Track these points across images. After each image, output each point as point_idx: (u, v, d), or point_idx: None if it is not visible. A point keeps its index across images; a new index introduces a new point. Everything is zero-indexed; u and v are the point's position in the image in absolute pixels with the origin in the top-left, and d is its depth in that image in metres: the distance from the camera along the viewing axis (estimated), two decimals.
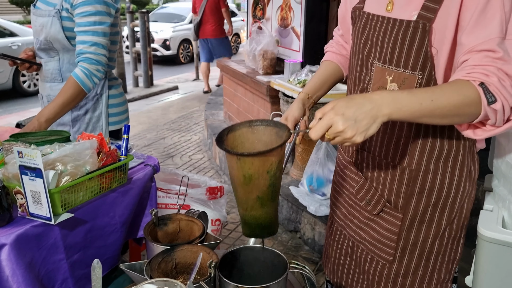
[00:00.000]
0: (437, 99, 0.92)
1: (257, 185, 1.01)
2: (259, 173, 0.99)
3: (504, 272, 1.25)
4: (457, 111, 0.93)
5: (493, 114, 0.92)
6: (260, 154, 0.97)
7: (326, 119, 0.90)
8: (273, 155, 0.99)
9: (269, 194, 1.04)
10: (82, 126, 2.03)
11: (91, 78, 1.85)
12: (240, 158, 0.99)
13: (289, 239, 3.04)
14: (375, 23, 1.14)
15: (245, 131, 1.09)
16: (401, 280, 1.25)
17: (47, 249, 1.29)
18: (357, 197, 1.28)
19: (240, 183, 1.02)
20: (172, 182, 2.20)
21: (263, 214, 1.06)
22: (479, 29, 0.95)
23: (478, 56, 0.94)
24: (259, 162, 0.98)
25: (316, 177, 2.99)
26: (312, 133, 0.92)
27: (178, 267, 1.19)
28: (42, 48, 1.96)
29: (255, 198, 1.03)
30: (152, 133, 5.47)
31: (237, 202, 1.10)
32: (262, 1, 4.48)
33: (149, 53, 7.72)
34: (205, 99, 6.75)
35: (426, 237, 1.21)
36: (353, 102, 0.90)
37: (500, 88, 0.90)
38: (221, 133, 1.07)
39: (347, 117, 0.88)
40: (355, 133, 0.88)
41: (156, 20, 11.99)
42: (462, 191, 1.18)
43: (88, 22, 1.84)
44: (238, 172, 1.01)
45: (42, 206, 1.24)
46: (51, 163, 1.29)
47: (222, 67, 4.89)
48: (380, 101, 0.90)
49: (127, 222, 1.58)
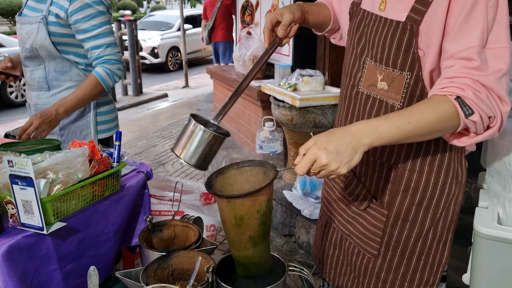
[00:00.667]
0: (413, 120, 0.95)
1: (249, 225, 1.03)
2: (250, 213, 1.01)
3: (501, 268, 1.25)
4: (436, 127, 0.97)
5: (472, 125, 0.96)
6: (249, 195, 1.00)
7: (310, 154, 0.93)
8: (262, 194, 1.01)
9: (260, 232, 1.05)
10: (70, 135, 2.00)
11: (112, 76, 1.90)
12: (230, 200, 1.01)
13: (283, 243, 3.03)
14: (369, 20, 1.15)
15: (233, 173, 1.12)
16: (384, 275, 1.26)
17: (39, 260, 1.26)
18: (346, 191, 1.30)
19: (231, 225, 1.04)
20: (165, 189, 2.18)
21: (256, 253, 1.08)
22: (461, 36, 0.97)
23: (456, 66, 0.97)
24: (249, 202, 1.00)
25: (310, 180, 2.99)
26: (298, 169, 0.94)
27: (174, 273, 1.18)
28: (28, 56, 1.93)
29: (247, 238, 1.05)
30: (143, 141, 5.44)
31: (229, 243, 1.11)
32: (250, 7, 4.49)
33: (138, 61, 7.70)
34: (195, 106, 6.74)
35: (409, 236, 1.22)
36: (333, 136, 0.94)
37: (476, 100, 0.94)
38: (210, 177, 1.09)
39: (329, 150, 0.91)
40: (339, 165, 0.91)
41: (144, 28, 11.97)
42: (448, 193, 1.19)
43: (95, 26, 1.85)
44: (229, 214, 1.02)
45: (33, 215, 1.21)
46: (42, 171, 1.27)
47: (212, 73, 4.89)
48: (359, 133, 0.94)
49: (121, 230, 1.56)
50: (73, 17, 1.83)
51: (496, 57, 0.96)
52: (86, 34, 1.85)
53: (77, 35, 1.87)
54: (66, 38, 1.89)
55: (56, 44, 1.88)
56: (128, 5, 24.28)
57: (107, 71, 1.88)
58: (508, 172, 1.29)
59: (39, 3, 1.90)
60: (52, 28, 1.85)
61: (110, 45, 1.90)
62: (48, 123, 1.81)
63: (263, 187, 1.00)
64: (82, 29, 1.85)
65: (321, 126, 3.07)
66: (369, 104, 1.18)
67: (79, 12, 1.82)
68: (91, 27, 1.85)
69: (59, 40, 1.88)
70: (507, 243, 1.22)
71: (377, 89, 1.15)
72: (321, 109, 3.00)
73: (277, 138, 3.46)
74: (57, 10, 1.84)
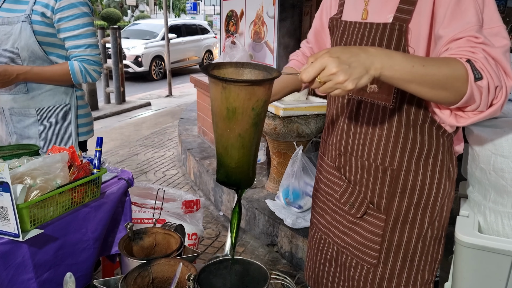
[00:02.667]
0: (428, 65, 0.92)
1: (240, 121, 0.96)
2: (244, 107, 0.94)
3: (482, 276, 1.26)
4: (446, 82, 0.93)
5: (478, 93, 0.93)
6: (248, 84, 0.93)
7: (320, 61, 0.88)
8: (261, 90, 0.95)
9: (251, 134, 0.99)
10: (51, 137, 1.98)
11: (85, 75, 1.92)
12: (225, 87, 0.93)
13: (266, 253, 3.01)
14: (352, 29, 1.17)
15: (231, 71, 1.04)
16: (386, 284, 1.24)
17: (14, 268, 1.22)
18: (340, 201, 1.28)
19: (222, 117, 0.97)
20: (146, 197, 2.15)
21: (241, 157, 1.01)
22: (457, 21, 0.97)
23: (460, 41, 0.96)
24: (245, 94, 0.93)
25: (292, 189, 2.99)
26: (303, 74, 0.89)
27: (155, 282, 1.15)
28: (5, 58, 1.90)
29: (237, 136, 0.98)
30: (125, 150, 5.37)
31: (216, 140, 1.03)
32: (235, 16, 4.51)
33: (121, 69, 7.64)
34: (179, 115, 6.70)
35: (410, 238, 1.21)
36: (348, 49, 0.90)
37: (486, 65, 0.92)
38: (206, 66, 1.01)
39: (342, 60, 0.87)
40: (348, 78, 0.87)
41: (128, 36, 11.92)
42: (443, 191, 1.20)
43: (77, 26, 1.87)
44: (221, 104, 0.95)
45: (9, 222, 1.18)
46: (19, 177, 1.23)
47: (196, 82, 4.87)
48: (375, 54, 0.90)
49: (100, 238, 1.52)
50: (58, 15, 1.85)
51: (495, 34, 0.97)
52: (67, 33, 1.87)
53: (59, 34, 1.88)
54: (50, 38, 1.89)
55: (41, 44, 1.87)
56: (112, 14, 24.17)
57: (81, 68, 1.91)
58: (488, 181, 1.31)
59: (16, 4, 1.88)
60: (37, 27, 1.84)
61: (90, 46, 1.92)
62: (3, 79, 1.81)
63: (264, 80, 0.94)
64: (64, 27, 1.86)
65: (304, 136, 3.08)
66: (361, 109, 1.19)
67: (64, 11, 1.84)
68: (74, 26, 1.87)
69: (44, 40, 1.87)
70: (488, 252, 1.23)
71: (367, 93, 1.16)
72: (304, 119, 3.01)
73: (260, 147, 3.45)
74: (43, 9, 1.83)
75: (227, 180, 1.05)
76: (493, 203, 1.31)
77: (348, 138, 1.25)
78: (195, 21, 15.59)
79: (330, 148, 1.32)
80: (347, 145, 1.25)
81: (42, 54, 1.88)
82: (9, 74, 1.81)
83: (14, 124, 1.98)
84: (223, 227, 3.43)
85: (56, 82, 1.93)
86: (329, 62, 0.87)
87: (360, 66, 0.88)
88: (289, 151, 3.21)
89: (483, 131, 1.31)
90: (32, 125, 1.96)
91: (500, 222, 1.28)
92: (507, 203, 1.27)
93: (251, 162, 1.04)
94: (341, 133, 1.27)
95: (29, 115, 1.95)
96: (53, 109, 1.96)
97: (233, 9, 4.55)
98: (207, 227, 3.39)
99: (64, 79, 1.91)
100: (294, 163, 2.99)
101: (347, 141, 1.25)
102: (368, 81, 0.90)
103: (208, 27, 14.32)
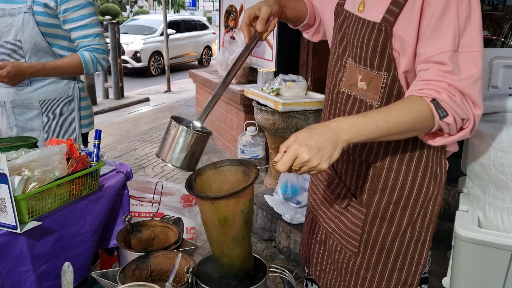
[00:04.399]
0: (391, 119, 0.97)
1: (233, 226, 1.01)
2: (234, 213, 1.00)
3: (481, 271, 1.26)
4: (412, 127, 0.99)
5: (446, 126, 0.99)
6: (233, 195, 0.98)
7: (291, 151, 0.93)
8: (246, 193, 1.00)
9: (244, 232, 1.04)
10: (54, 129, 1.98)
11: (96, 64, 1.94)
12: (214, 202, 0.99)
13: (264, 248, 3.00)
14: (349, 21, 1.18)
15: (211, 173, 1.10)
16: (363, 273, 1.26)
17: (12, 260, 1.22)
18: (328, 190, 1.31)
19: (215, 226, 1.02)
20: (145, 191, 2.15)
21: (239, 253, 1.07)
22: (434, 40, 0.99)
23: (431, 69, 0.99)
24: (233, 202, 0.99)
25: (291, 185, 2.98)
26: (279, 166, 0.94)
27: (153, 274, 1.15)
28: (7, 50, 1.88)
29: (231, 239, 1.03)
30: (123, 145, 5.36)
31: (211, 244, 1.09)
32: (234, 11, 4.50)
33: (120, 65, 7.61)
34: (177, 110, 6.69)
35: (387, 234, 1.22)
36: (314, 132, 0.95)
37: (450, 103, 0.96)
38: (189, 179, 1.07)
39: (311, 146, 0.92)
40: (320, 160, 0.92)
41: (127, 32, 11.87)
42: (425, 193, 1.19)
43: (84, 16, 1.89)
44: (212, 215, 1.00)
45: (7, 213, 1.17)
46: (17, 168, 1.23)
47: (195, 77, 4.86)
48: (339, 128, 0.95)
49: (98, 231, 1.52)
50: (63, 6, 1.85)
51: (468, 60, 0.98)
52: (74, 24, 1.88)
53: (65, 25, 1.88)
54: (53, 29, 1.88)
55: (44, 35, 1.86)
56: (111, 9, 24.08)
57: (92, 57, 1.92)
58: (488, 176, 1.31)
59: None
60: (39, 18, 1.83)
61: (98, 35, 1.94)
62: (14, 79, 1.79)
63: (248, 186, 0.99)
64: (71, 18, 1.87)
65: None
66: (350, 104, 1.20)
67: (69, 1, 1.85)
68: (80, 16, 1.87)
69: (47, 31, 1.86)
70: (487, 246, 1.23)
71: (357, 88, 1.17)
72: (303, 114, 3.00)
73: (259, 142, 3.45)
74: (45, 0, 1.82)
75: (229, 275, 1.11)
76: (492, 198, 1.31)
77: None
78: (194, 17, 15.55)
79: None
80: None
81: (45, 45, 1.87)
82: (22, 73, 1.79)
83: (16, 116, 1.97)
84: None
85: (68, 75, 1.94)
86: (300, 152, 0.92)
87: (328, 145, 0.93)
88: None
89: (484, 126, 1.31)
90: (35, 117, 1.95)
91: (500, 217, 1.28)
92: (507, 198, 1.27)
93: (247, 254, 1.10)
94: None
95: (32, 107, 1.94)
96: (56, 101, 1.95)
97: (233, 4, 4.53)
98: None
99: (75, 71, 1.92)
100: None
101: None
102: (339, 154, 0.95)
103: (207, 23, 14.27)
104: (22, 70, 1.78)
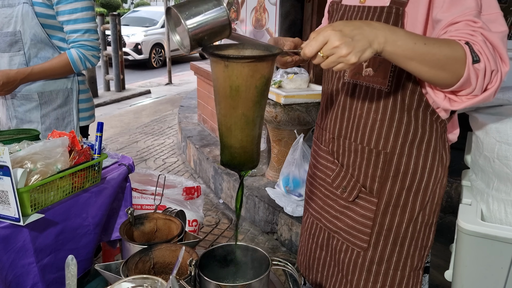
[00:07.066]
0: (429, 44, 0.92)
1: (244, 99, 0.95)
2: (247, 85, 0.93)
3: (484, 264, 1.26)
4: (445, 62, 0.93)
5: (475, 76, 0.93)
6: (251, 60, 0.91)
7: (322, 34, 0.87)
8: (263, 67, 0.93)
9: (254, 113, 0.97)
10: (52, 122, 1.97)
11: (84, 61, 1.91)
12: (228, 64, 0.91)
13: (265, 240, 3.01)
14: (351, 13, 1.18)
15: (232, 52, 1.03)
16: (376, 268, 1.25)
17: (15, 252, 1.22)
18: (333, 185, 1.29)
19: (225, 96, 0.95)
20: (147, 183, 2.15)
21: (245, 137, 0.99)
22: (456, 6, 0.98)
23: (459, 24, 0.96)
24: (249, 71, 0.92)
25: (293, 178, 2.98)
26: (306, 49, 0.88)
27: (156, 267, 1.15)
28: (7, 41, 1.88)
29: (240, 114, 0.96)
30: (125, 137, 5.36)
31: (219, 121, 1.02)
32: (236, 3, 4.47)
33: (121, 57, 7.59)
34: (179, 102, 6.68)
35: (401, 222, 1.22)
36: (351, 23, 0.89)
37: (484, 48, 0.92)
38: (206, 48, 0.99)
39: (345, 33, 0.86)
40: (351, 51, 0.86)
41: (128, 24, 11.82)
42: (435, 176, 1.20)
43: (76, 9, 1.84)
44: (224, 82, 0.94)
45: (10, 206, 1.17)
46: (19, 161, 1.23)
47: (197, 69, 4.84)
48: (379, 27, 0.90)
49: (101, 223, 1.52)
50: None
51: (494, 21, 0.97)
52: (66, 17, 1.85)
53: (58, 17, 1.86)
54: (51, 20, 1.87)
55: (44, 27, 1.85)
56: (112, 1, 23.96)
57: (79, 55, 1.89)
58: (492, 169, 1.30)
59: None
60: (38, 9, 1.82)
61: (88, 31, 1.89)
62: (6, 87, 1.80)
63: (266, 56, 0.93)
64: (63, 10, 1.84)
65: (305, 124, 3.07)
66: (356, 93, 1.19)
67: None
68: (72, 9, 1.84)
69: (46, 22, 1.85)
70: (490, 240, 1.22)
71: (362, 76, 1.16)
72: (306, 107, 2.99)
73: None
74: None
75: (231, 162, 1.03)
76: (496, 191, 1.30)
77: (342, 122, 1.25)
78: None
79: (324, 133, 1.32)
80: (341, 129, 1.26)
81: (45, 36, 1.86)
82: (12, 81, 1.80)
83: (15, 108, 1.96)
84: (223, 214, 3.43)
85: (58, 75, 1.92)
86: (332, 35, 0.85)
87: (363, 39, 0.87)
88: (289, 139, 3.19)
89: (488, 119, 1.30)
90: (34, 109, 1.94)
91: (503, 210, 1.28)
92: (511, 191, 1.26)
93: (255, 143, 1.02)
94: (335, 117, 1.27)
95: (31, 99, 1.94)
96: (55, 93, 1.94)
97: None
98: (207, 215, 3.39)
99: (64, 71, 1.90)
100: (295, 151, 2.98)
101: (341, 125, 1.25)
102: (371, 55, 0.89)
103: None
104: (11, 77, 1.79)
